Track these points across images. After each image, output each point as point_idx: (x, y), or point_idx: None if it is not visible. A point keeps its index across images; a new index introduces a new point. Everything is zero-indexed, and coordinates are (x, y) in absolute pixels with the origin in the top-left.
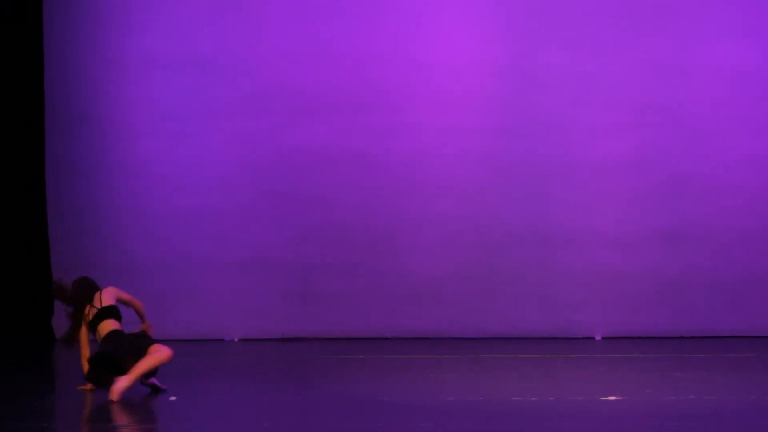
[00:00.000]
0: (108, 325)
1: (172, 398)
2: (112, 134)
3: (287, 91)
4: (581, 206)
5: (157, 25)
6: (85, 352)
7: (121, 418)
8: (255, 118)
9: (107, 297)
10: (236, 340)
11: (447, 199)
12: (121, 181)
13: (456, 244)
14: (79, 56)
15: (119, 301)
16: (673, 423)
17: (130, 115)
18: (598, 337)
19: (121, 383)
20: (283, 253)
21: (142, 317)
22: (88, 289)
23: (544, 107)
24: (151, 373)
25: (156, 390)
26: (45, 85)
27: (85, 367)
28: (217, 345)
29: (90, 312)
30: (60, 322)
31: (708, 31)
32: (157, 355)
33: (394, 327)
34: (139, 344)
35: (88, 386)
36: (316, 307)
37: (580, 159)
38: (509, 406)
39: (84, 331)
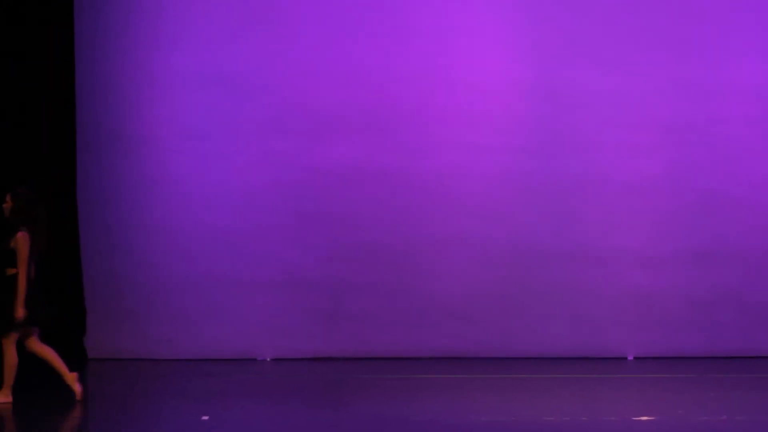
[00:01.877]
0: None
1: (205, 418)
2: (142, 153)
3: (316, 109)
4: (610, 225)
5: (188, 43)
6: None
7: None
8: (284, 136)
9: None
10: (268, 359)
11: (476, 219)
12: (152, 199)
13: (485, 263)
14: (110, 75)
15: None
16: None
17: (160, 133)
18: (630, 357)
19: None
20: (313, 273)
21: None
22: None
23: (573, 126)
24: None
25: None
26: (77, 103)
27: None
28: (249, 364)
29: None
30: (92, 341)
31: (737, 51)
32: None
33: (425, 346)
34: None
35: None
36: (347, 327)
37: (609, 178)
38: (541, 426)
39: None
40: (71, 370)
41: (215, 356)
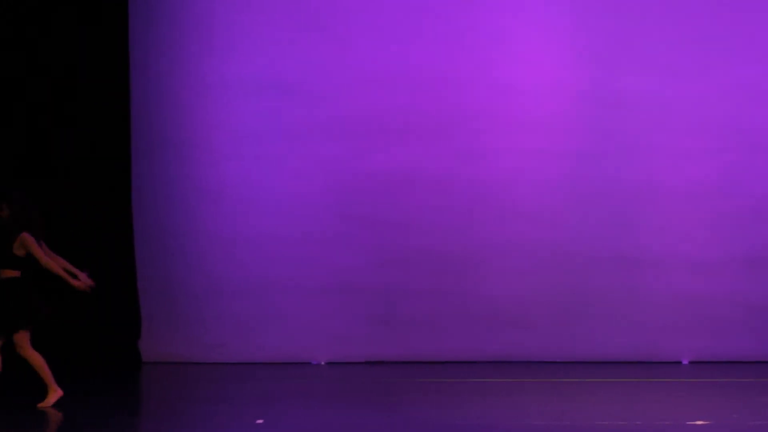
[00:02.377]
0: None
1: (259, 421)
2: (196, 159)
3: (369, 114)
4: (666, 231)
5: (241, 49)
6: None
7: None
8: (338, 141)
9: None
10: (323, 363)
11: (530, 223)
12: (206, 204)
13: (539, 268)
14: (163, 80)
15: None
16: None
17: (214, 139)
18: (684, 362)
19: None
20: (367, 277)
21: None
22: None
23: (628, 131)
24: None
25: None
26: (131, 109)
27: None
28: (304, 368)
29: None
30: (147, 346)
31: None
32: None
33: (479, 351)
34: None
35: None
36: (401, 331)
37: (663, 183)
38: (596, 431)
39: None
40: (128, 372)
41: (268, 360)
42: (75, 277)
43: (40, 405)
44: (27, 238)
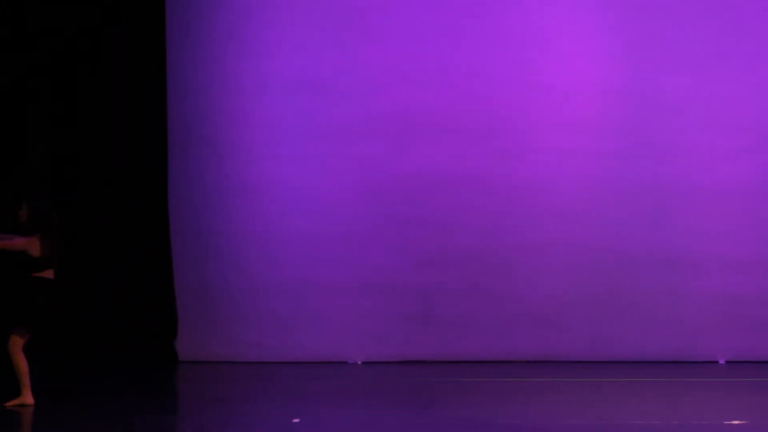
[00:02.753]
0: None
1: (295, 420)
2: (232, 158)
3: (406, 114)
4: (703, 230)
5: (277, 48)
6: None
7: None
8: (374, 141)
9: None
10: (359, 362)
11: (567, 223)
12: (242, 204)
13: (576, 267)
14: (200, 79)
15: None
16: None
17: (250, 138)
18: (721, 361)
19: None
20: (404, 277)
21: None
22: None
23: (664, 130)
24: None
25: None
26: (168, 109)
27: None
28: (340, 367)
29: None
30: (183, 345)
31: None
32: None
33: (515, 351)
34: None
35: None
36: (437, 331)
37: (702, 182)
38: (632, 430)
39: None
40: (165, 372)
41: (304, 359)
42: None
43: (8, 403)
44: (29, 243)
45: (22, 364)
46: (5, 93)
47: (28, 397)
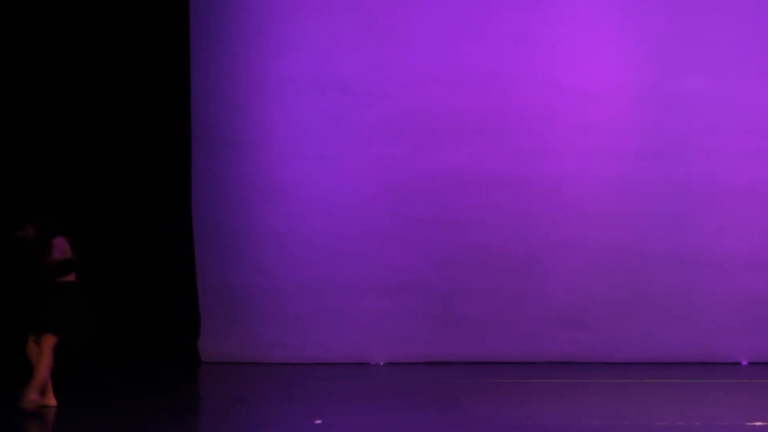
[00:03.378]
0: None
1: (318, 421)
2: (255, 158)
3: (429, 114)
4: (725, 231)
5: (300, 48)
6: None
7: None
8: (397, 141)
9: None
10: (381, 363)
11: (590, 224)
12: (265, 204)
13: (599, 268)
14: (224, 80)
15: None
16: None
17: (273, 138)
18: (744, 363)
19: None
20: (426, 277)
21: None
22: None
23: (687, 132)
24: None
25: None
26: (191, 109)
27: None
28: (363, 368)
29: None
30: (205, 345)
31: None
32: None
33: (538, 351)
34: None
35: None
36: (460, 332)
37: (724, 184)
38: (655, 431)
39: None
40: (187, 372)
41: (327, 360)
42: None
43: (29, 399)
44: (61, 242)
45: (50, 365)
46: (30, 98)
47: (51, 399)
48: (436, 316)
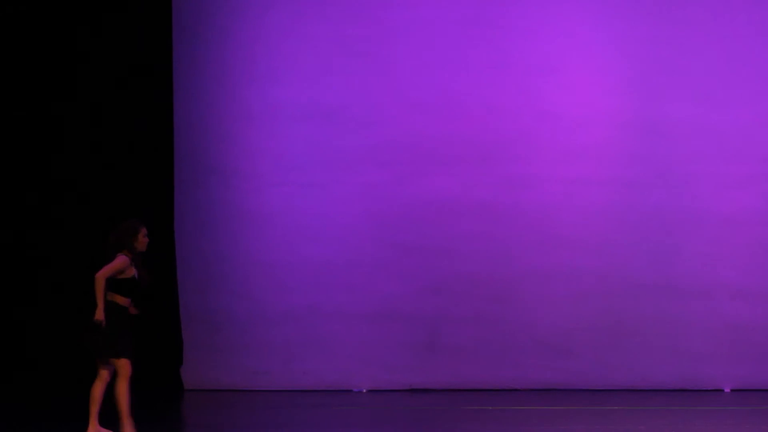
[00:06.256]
0: None
1: None
2: (239, 185)
3: (414, 142)
4: (709, 258)
5: (285, 76)
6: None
7: None
8: (382, 168)
9: None
10: (364, 391)
11: (574, 251)
12: (249, 231)
13: (584, 295)
14: (207, 108)
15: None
16: None
17: (257, 165)
18: (726, 390)
19: None
20: (411, 305)
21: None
22: None
23: (671, 159)
24: None
25: None
26: (174, 136)
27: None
28: (345, 396)
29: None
30: (189, 373)
31: None
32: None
33: (522, 379)
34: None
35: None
36: (444, 359)
37: (708, 211)
38: None
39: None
40: (170, 399)
41: (311, 387)
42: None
43: None
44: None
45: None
46: (20, 118)
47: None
48: (421, 343)
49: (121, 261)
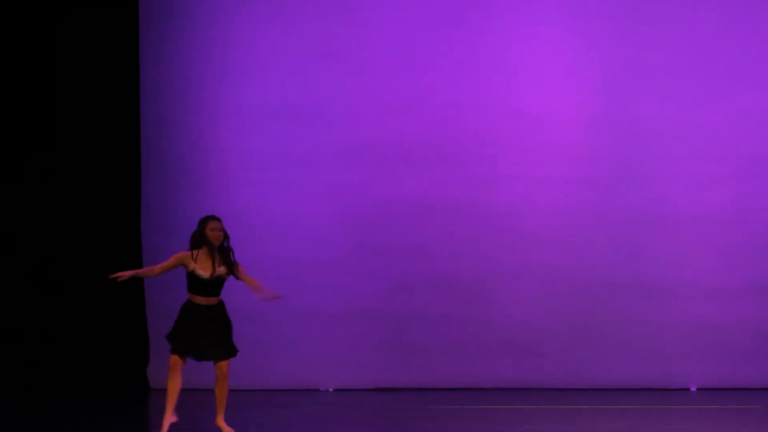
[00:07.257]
0: None
1: None
2: (207, 184)
3: (382, 141)
4: (677, 258)
5: (254, 75)
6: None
7: None
8: (350, 168)
9: None
10: (331, 390)
11: (543, 250)
12: None
13: (552, 294)
14: (174, 107)
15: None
16: None
17: (225, 165)
18: (693, 389)
19: None
20: (379, 304)
21: None
22: None
23: (640, 158)
24: None
25: None
26: (141, 136)
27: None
28: (312, 395)
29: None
30: (155, 371)
31: None
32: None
33: (491, 378)
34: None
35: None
36: (412, 358)
37: (677, 210)
38: None
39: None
40: (136, 398)
41: (279, 386)
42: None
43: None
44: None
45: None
46: None
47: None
48: (389, 343)
49: (174, 256)
